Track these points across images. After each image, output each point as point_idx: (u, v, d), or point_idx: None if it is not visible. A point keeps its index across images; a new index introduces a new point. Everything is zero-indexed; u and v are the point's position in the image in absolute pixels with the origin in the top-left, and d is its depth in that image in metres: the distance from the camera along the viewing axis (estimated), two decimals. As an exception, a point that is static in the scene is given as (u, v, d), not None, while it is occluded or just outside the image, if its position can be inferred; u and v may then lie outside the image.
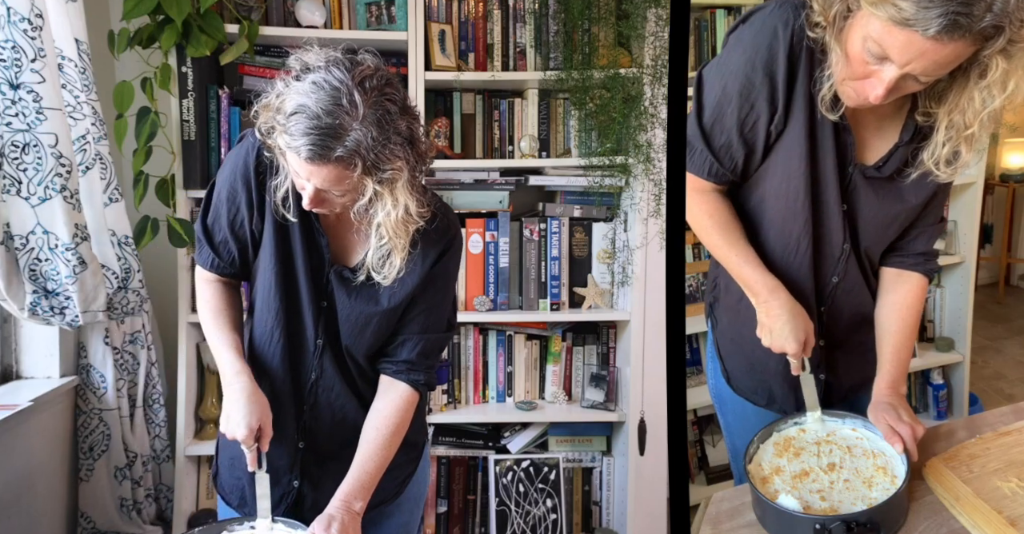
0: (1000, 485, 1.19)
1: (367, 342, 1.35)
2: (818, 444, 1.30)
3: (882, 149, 1.29)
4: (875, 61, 1.09)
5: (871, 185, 1.31)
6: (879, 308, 1.40)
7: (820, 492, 1.21)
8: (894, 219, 1.34)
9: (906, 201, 1.32)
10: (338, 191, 1.18)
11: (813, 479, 1.24)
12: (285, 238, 1.31)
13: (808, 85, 1.21)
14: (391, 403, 1.35)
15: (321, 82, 1.11)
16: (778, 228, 1.36)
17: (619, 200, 2.53)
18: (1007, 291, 4.51)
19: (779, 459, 1.28)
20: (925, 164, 1.22)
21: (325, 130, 1.10)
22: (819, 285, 1.39)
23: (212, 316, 1.37)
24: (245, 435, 1.27)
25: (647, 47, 2.37)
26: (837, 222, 1.33)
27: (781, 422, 1.35)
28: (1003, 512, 1.13)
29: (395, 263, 1.26)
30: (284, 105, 1.13)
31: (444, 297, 1.39)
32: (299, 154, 1.12)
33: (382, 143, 1.12)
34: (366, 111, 1.11)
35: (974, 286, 2.88)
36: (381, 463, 1.32)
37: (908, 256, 1.39)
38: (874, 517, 1.12)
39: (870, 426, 1.30)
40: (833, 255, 1.37)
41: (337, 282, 1.32)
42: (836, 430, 1.32)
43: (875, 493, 1.19)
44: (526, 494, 2.51)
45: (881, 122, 1.29)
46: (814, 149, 1.26)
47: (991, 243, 4.54)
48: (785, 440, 1.31)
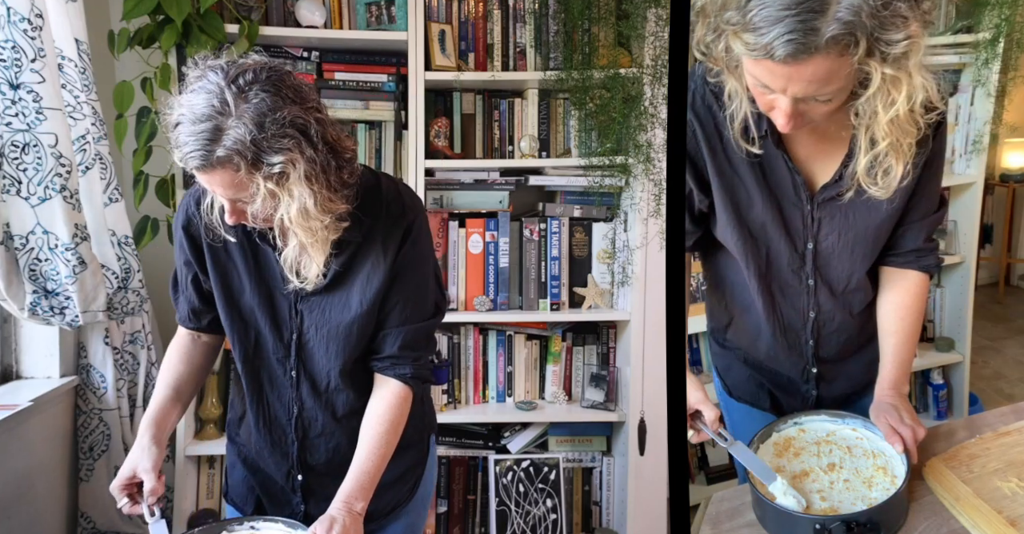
0: (1000, 485, 1.19)
1: (350, 353, 1.32)
2: (818, 444, 1.30)
3: (832, 169, 1.26)
4: (767, 91, 1.07)
5: (836, 208, 1.28)
6: (879, 307, 1.39)
7: (820, 492, 1.21)
8: (875, 232, 1.31)
9: (879, 210, 1.27)
10: (239, 198, 1.14)
11: (813, 479, 1.24)
12: (229, 284, 1.31)
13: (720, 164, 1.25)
14: (383, 401, 1.33)
15: (197, 89, 1.11)
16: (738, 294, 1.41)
17: (619, 200, 2.53)
18: (1007, 291, 4.51)
19: (779, 459, 1.28)
20: (858, 178, 1.17)
21: (202, 134, 1.08)
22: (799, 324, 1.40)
23: (162, 367, 1.42)
24: (114, 485, 1.27)
25: (647, 47, 2.37)
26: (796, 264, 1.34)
27: (781, 422, 1.35)
28: (1003, 512, 1.13)
29: (312, 265, 1.21)
30: (169, 121, 1.13)
31: (420, 285, 1.33)
32: (188, 166, 1.11)
33: (262, 137, 1.08)
34: (240, 108, 1.08)
35: (974, 286, 2.88)
36: (380, 462, 1.30)
37: (900, 254, 1.36)
38: (874, 517, 1.12)
39: (870, 426, 1.30)
40: (799, 298, 1.37)
41: (304, 302, 1.30)
42: (836, 430, 1.32)
43: (875, 493, 1.19)
44: (526, 494, 2.51)
45: (827, 144, 1.25)
46: (740, 211, 1.29)
47: (991, 243, 4.54)
48: (785, 440, 1.31)
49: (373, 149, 2.49)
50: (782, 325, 1.42)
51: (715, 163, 1.28)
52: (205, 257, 1.31)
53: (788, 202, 1.29)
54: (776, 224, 1.30)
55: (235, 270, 1.30)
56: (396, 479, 1.42)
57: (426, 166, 2.40)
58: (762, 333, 1.44)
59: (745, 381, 1.54)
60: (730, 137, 1.22)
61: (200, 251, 1.31)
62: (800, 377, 1.46)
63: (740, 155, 1.24)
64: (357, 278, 1.29)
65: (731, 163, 1.27)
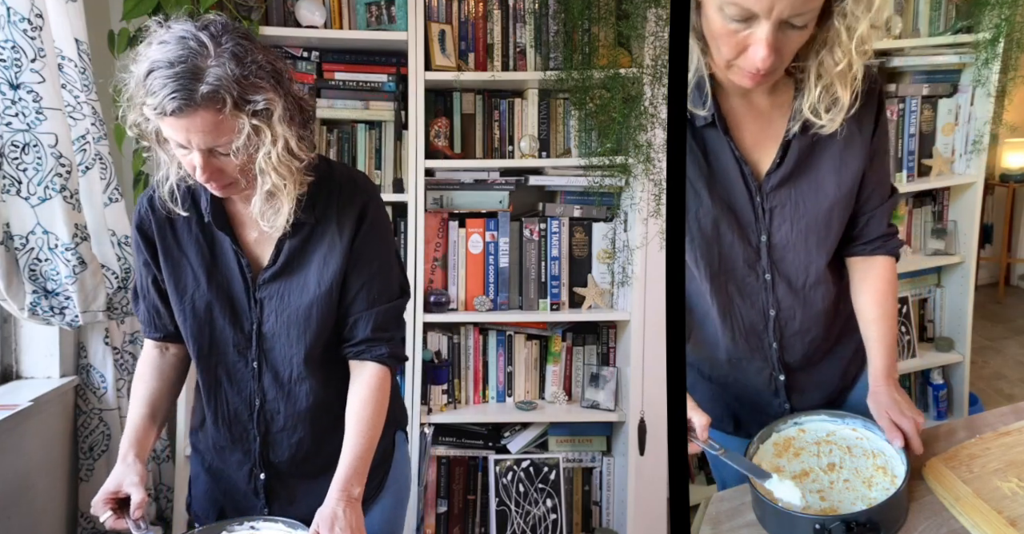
0: (1000, 485, 1.19)
1: (312, 338, 1.30)
2: (818, 444, 1.30)
3: (774, 150, 1.26)
4: (742, 26, 1.08)
5: (785, 195, 1.27)
6: (855, 299, 1.37)
7: (820, 492, 1.21)
8: (826, 217, 1.29)
9: (827, 194, 1.28)
10: (222, 145, 1.13)
11: (813, 479, 1.24)
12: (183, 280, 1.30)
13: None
14: (364, 385, 1.32)
15: (165, 38, 1.11)
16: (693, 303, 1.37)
17: (619, 200, 2.53)
18: (1007, 291, 4.50)
19: (779, 459, 1.28)
20: (803, 113, 1.19)
21: (182, 74, 1.08)
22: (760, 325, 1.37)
23: (134, 384, 1.39)
24: (96, 500, 1.24)
25: (647, 47, 2.36)
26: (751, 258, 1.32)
27: (781, 422, 1.35)
28: (1003, 512, 1.13)
29: (283, 210, 1.21)
30: (138, 76, 1.11)
31: (383, 266, 1.33)
32: (166, 110, 1.08)
33: (244, 74, 1.10)
34: (217, 49, 1.10)
35: (974, 286, 2.88)
36: (370, 444, 1.29)
37: (867, 243, 1.36)
38: (874, 517, 1.12)
39: (870, 426, 1.30)
40: (757, 296, 1.35)
41: (262, 290, 1.30)
42: (836, 430, 1.32)
43: (875, 493, 1.19)
44: (526, 494, 2.51)
45: (771, 130, 1.26)
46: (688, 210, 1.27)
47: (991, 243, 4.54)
48: (785, 440, 1.31)
49: (373, 149, 2.49)
50: (742, 328, 1.37)
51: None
52: (159, 258, 1.30)
53: (737, 194, 1.27)
54: (727, 219, 1.28)
55: (188, 265, 1.30)
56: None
57: (426, 166, 2.40)
58: (721, 340, 1.39)
59: (708, 400, 1.46)
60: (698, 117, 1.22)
61: (155, 250, 1.31)
62: (768, 387, 1.42)
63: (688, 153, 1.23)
64: (313, 260, 1.29)
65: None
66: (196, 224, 1.29)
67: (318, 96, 2.45)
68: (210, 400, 1.35)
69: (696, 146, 1.24)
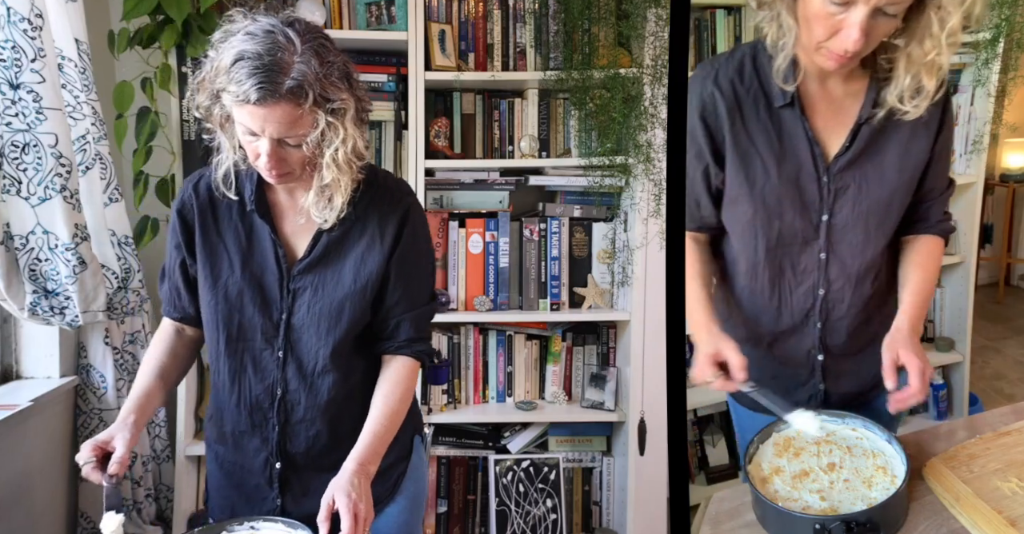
0: (1000, 485, 1.19)
1: (341, 333, 1.32)
2: (818, 444, 1.30)
3: (844, 133, 1.31)
4: (840, 10, 1.14)
5: (851, 177, 1.32)
6: (900, 267, 1.41)
7: (820, 492, 1.21)
8: (887, 202, 1.34)
9: (890, 181, 1.33)
10: (293, 136, 1.17)
11: (813, 479, 1.24)
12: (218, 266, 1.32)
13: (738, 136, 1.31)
14: (394, 373, 1.36)
15: (253, 30, 1.15)
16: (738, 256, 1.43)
17: (619, 200, 2.53)
18: (1007, 291, 4.50)
19: (779, 459, 1.28)
20: (889, 102, 1.25)
21: (269, 66, 1.12)
22: (807, 303, 1.40)
23: (145, 357, 1.41)
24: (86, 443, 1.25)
25: (647, 47, 2.37)
26: (810, 236, 1.36)
27: (781, 422, 1.35)
28: (1003, 512, 1.13)
29: (335, 204, 1.26)
30: (222, 63, 1.14)
31: (422, 270, 1.39)
32: (249, 99, 1.12)
33: (325, 74, 1.15)
34: (303, 46, 1.14)
35: (974, 286, 2.88)
36: (391, 427, 1.32)
37: (922, 224, 1.41)
38: (874, 517, 1.12)
39: (870, 426, 1.30)
40: (809, 275, 1.39)
41: (296, 281, 1.32)
42: (836, 430, 1.32)
43: (875, 493, 1.19)
44: (526, 494, 2.51)
45: (842, 115, 1.31)
46: (755, 185, 1.33)
47: (991, 243, 4.54)
48: (785, 440, 1.31)
49: (373, 149, 2.49)
50: (790, 304, 1.41)
51: (733, 135, 1.32)
52: (195, 241, 1.33)
53: (805, 173, 1.32)
54: (791, 196, 1.33)
55: (225, 252, 1.32)
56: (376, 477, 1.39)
57: (426, 166, 2.40)
58: (766, 316, 1.44)
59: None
60: (750, 111, 1.30)
61: (191, 235, 1.33)
62: (805, 365, 1.45)
63: (759, 128, 1.31)
64: (350, 256, 1.32)
65: (749, 136, 1.32)
66: (236, 212, 1.32)
67: (318, 96, 2.45)
68: (233, 385, 1.36)
69: (771, 125, 1.31)
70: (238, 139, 1.23)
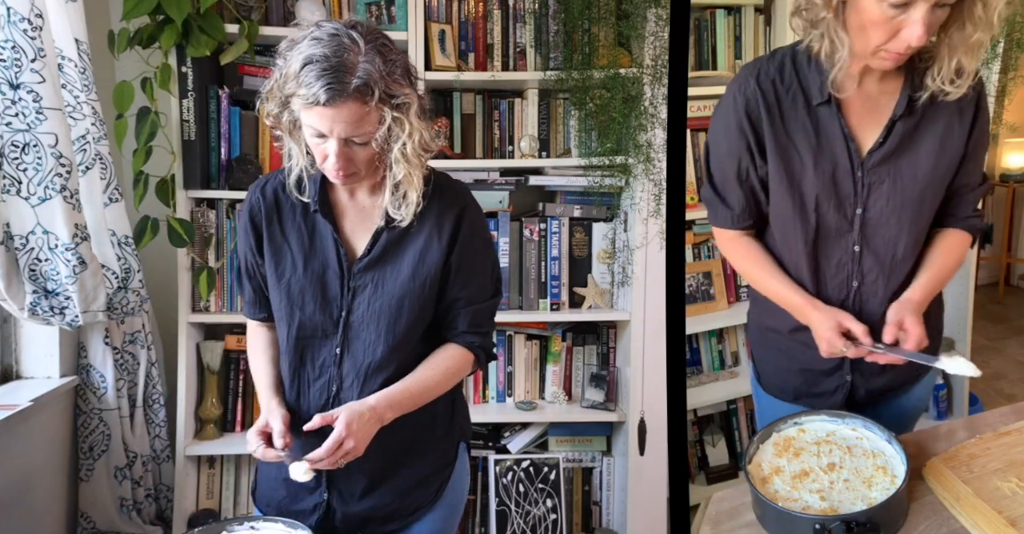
0: (1000, 485, 1.19)
1: (401, 330, 1.35)
2: (818, 444, 1.30)
3: (876, 134, 1.36)
4: (898, 11, 1.18)
5: (885, 172, 1.36)
6: (925, 256, 1.44)
7: (820, 492, 1.21)
8: (920, 196, 1.38)
9: (923, 175, 1.36)
10: (360, 135, 1.22)
11: (813, 479, 1.24)
12: (283, 265, 1.37)
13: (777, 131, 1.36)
14: (447, 354, 1.40)
15: (318, 36, 1.20)
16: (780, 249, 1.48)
17: (619, 200, 2.53)
18: (1007, 291, 4.51)
19: (779, 459, 1.28)
20: (931, 86, 1.30)
21: (336, 67, 1.17)
22: (841, 295, 1.44)
23: (252, 356, 1.47)
24: (252, 431, 1.30)
25: (647, 47, 2.37)
26: (844, 229, 1.40)
27: (781, 422, 1.35)
28: (1003, 512, 1.13)
29: (411, 200, 1.30)
30: (290, 69, 1.19)
31: (481, 266, 1.41)
32: (319, 100, 1.17)
33: (388, 72, 1.20)
34: (366, 47, 1.19)
35: (974, 286, 2.88)
36: (422, 393, 1.35)
37: (948, 219, 1.46)
38: (874, 517, 1.12)
39: (870, 426, 1.30)
40: (843, 267, 1.42)
41: (356, 279, 1.34)
42: (836, 430, 1.33)
43: (875, 493, 1.19)
44: (526, 494, 2.51)
45: (876, 112, 1.35)
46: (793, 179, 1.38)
47: (991, 243, 4.54)
48: (785, 440, 1.32)
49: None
50: (825, 297, 1.44)
51: (773, 132, 1.37)
52: (264, 243, 1.38)
53: (841, 169, 1.36)
54: (827, 190, 1.37)
55: (289, 251, 1.36)
56: (420, 482, 1.42)
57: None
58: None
59: (775, 370, 1.58)
60: (789, 109, 1.36)
61: (260, 237, 1.38)
62: (834, 359, 1.47)
63: (797, 125, 1.36)
64: (409, 253, 1.35)
65: (788, 132, 1.37)
66: (300, 212, 1.37)
67: (318, 96, 2.45)
68: (293, 381, 1.40)
69: (809, 122, 1.36)
70: (306, 144, 1.28)
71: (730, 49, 2.53)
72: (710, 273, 2.56)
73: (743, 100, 1.38)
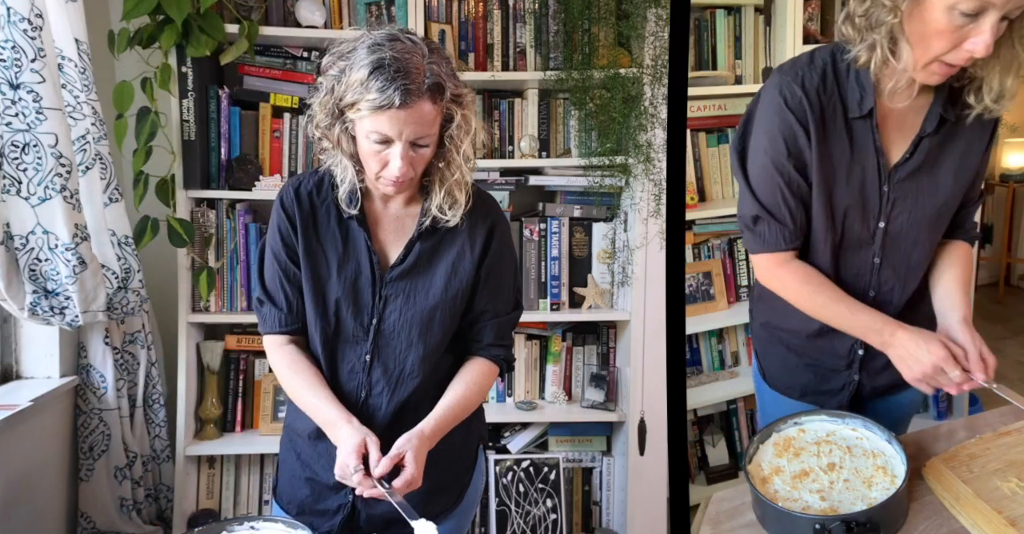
0: (1000, 485, 1.19)
1: (433, 340, 1.36)
2: (818, 444, 1.30)
3: (905, 145, 1.36)
4: (968, 20, 1.16)
5: (908, 187, 1.37)
6: (937, 269, 1.46)
7: (820, 492, 1.21)
8: (938, 210, 1.40)
9: (943, 191, 1.38)
10: (426, 136, 1.23)
11: (813, 479, 1.24)
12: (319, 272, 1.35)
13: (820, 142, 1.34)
14: (475, 369, 1.40)
15: (378, 41, 1.21)
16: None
17: (619, 200, 2.53)
18: (1007, 291, 4.51)
19: (779, 459, 1.28)
20: (974, 106, 1.30)
21: (408, 70, 1.18)
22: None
23: (291, 375, 1.37)
24: (348, 453, 1.24)
25: (647, 47, 2.37)
26: (866, 241, 1.41)
27: (781, 422, 1.35)
28: (1003, 512, 1.13)
29: (460, 202, 1.32)
30: (353, 77, 1.19)
31: (508, 280, 1.43)
32: (393, 103, 1.17)
33: (450, 72, 1.23)
34: (424, 49, 1.22)
35: (974, 286, 2.88)
36: (460, 414, 1.36)
37: (956, 231, 1.48)
38: (874, 517, 1.12)
39: (870, 426, 1.30)
40: (861, 278, 1.44)
41: (388, 287, 1.34)
42: (836, 430, 1.33)
43: (875, 493, 1.19)
44: (526, 494, 2.51)
45: (905, 129, 1.36)
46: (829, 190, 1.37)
47: (991, 243, 4.54)
48: (785, 440, 1.32)
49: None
50: None
51: (817, 142, 1.34)
52: (299, 248, 1.36)
53: (869, 182, 1.37)
54: (856, 203, 1.38)
55: (324, 258, 1.36)
56: (446, 486, 1.43)
57: (426, 166, 2.40)
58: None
59: (783, 367, 1.59)
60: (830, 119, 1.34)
61: (296, 243, 1.36)
62: (845, 358, 1.49)
63: (836, 137, 1.35)
64: (442, 264, 1.36)
65: (828, 144, 1.35)
66: (334, 218, 1.36)
67: (318, 96, 2.45)
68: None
69: (846, 133, 1.35)
70: (356, 154, 1.28)
71: (730, 49, 2.53)
72: (710, 273, 2.56)
73: (790, 109, 1.34)
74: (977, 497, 1.17)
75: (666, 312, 1.30)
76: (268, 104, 2.41)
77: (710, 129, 2.55)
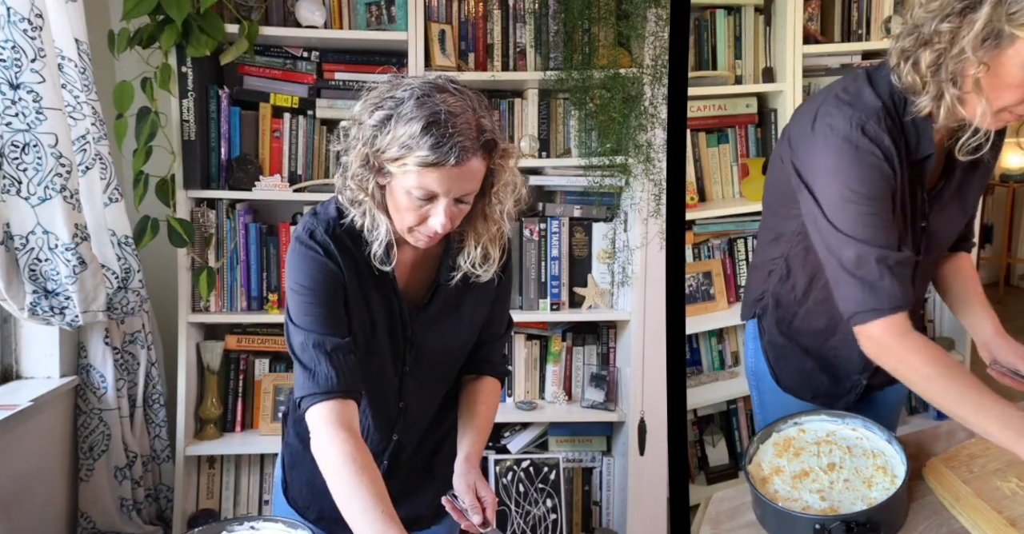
0: (1000, 485, 1.19)
1: (454, 373, 1.41)
2: (818, 444, 1.30)
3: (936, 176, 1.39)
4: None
5: (937, 215, 1.40)
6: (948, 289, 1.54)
7: (820, 492, 1.21)
8: (956, 232, 1.48)
9: (967, 209, 1.46)
10: (470, 192, 1.17)
11: (813, 479, 1.24)
12: (363, 323, 1.28)
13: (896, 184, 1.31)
14: (487, 388, 1.42)
15: (425, 94, 1.12)
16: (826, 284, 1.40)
17: (619, 200, 2.53)
18: (1007, 291, 4.50)
19: (779, 459, 1.28)
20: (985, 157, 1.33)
21: (463, 127, 1.11)
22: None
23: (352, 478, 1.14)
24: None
25: (647, 47, 2.37)
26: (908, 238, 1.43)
27: (781, 422, 1.35)
28: (1003, 512, 1.13)
29: (493, 259, 1.29)
30: (400, 131, 1.10)
31: (508, 304, 1.48)
32: (448, 162, 1.09)
33: (495, 124, 1.17)
34: (475, 102, 1.15)
35: (974, 286, 2.88)
36: (488, 430, 1.38)
37: (962, 243, 1.55)
38: (874, 517, 1.12)
39: (870, 426, 1.30)
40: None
41: (418, 336, 1.32)
42: (836, 430, 1.33)
43: (875, 493, 1.19)
44: (526, 494, 2.51)
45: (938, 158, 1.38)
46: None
47: (991, 243, 4.54)
48: (785, 440, 1.32)
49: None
50: None
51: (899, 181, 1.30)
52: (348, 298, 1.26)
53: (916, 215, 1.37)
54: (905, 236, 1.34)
55: (358, 307, 1.27)
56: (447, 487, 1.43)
57: (426, 166, 2.40)
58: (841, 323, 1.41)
59: (794, 369, 1.58)
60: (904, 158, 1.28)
61: (346, 292, 1.26)
62: (856, 363, 1.49)
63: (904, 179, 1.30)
64: (465, 305, 1.35)
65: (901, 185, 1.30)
66: (363, 263, 1.25)
67: (318, 96, 2.45)
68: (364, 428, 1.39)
69: (910, 174, 1.32)
70: (393, 207, 1.19)
71: (730, 49, 2.53)
72: (710, 273, 2.56)
73: (881, 152, 1.25)
74: (977, 497, 1.17)
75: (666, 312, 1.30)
76: (268, 104, 2.41)
77: (710, 129, 2.55)
